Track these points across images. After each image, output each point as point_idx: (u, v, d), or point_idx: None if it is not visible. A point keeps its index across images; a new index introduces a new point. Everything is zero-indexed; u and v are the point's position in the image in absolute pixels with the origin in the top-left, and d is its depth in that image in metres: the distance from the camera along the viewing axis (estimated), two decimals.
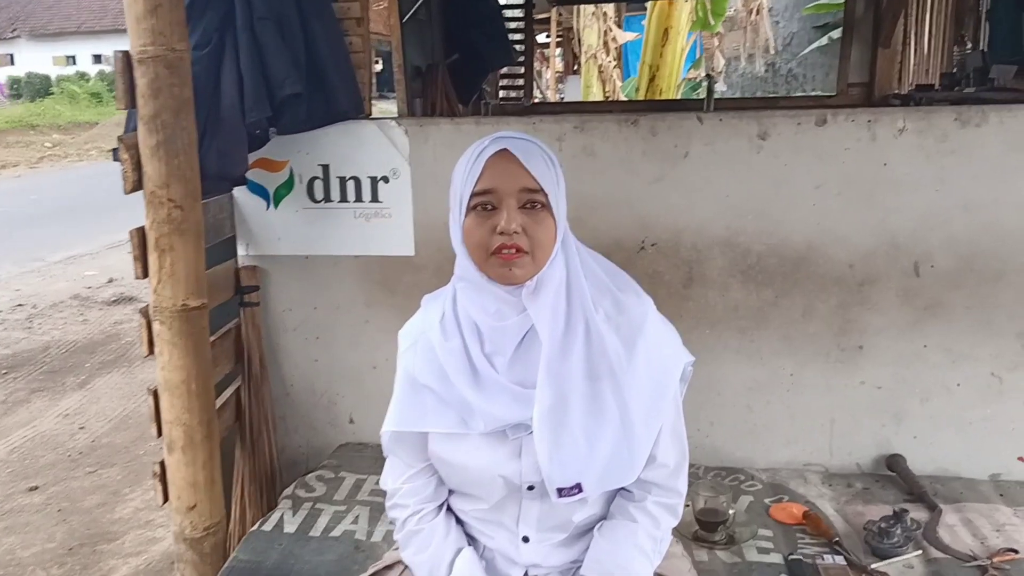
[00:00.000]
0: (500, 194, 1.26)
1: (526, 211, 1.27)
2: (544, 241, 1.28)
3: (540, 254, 1.28)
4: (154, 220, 1.81)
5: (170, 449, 1.94)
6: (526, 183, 1.26)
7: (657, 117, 2.19)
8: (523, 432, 1.34)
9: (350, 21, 2.32)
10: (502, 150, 1.28)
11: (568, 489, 1.33)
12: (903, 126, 2.11)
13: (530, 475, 1.36)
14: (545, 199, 1.28)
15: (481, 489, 1.42)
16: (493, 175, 1.27)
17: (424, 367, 1.40)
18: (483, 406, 1.34)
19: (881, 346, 2.22)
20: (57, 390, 4.68)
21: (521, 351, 1.34)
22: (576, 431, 1.33)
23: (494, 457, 1.37)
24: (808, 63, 18.17)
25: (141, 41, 1.73)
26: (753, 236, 2.21)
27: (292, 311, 2.45)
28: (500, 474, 1.38)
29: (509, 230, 1.24)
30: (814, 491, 2.19)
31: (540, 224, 1.27)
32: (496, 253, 1.26)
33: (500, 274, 1.28)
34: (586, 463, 1.33)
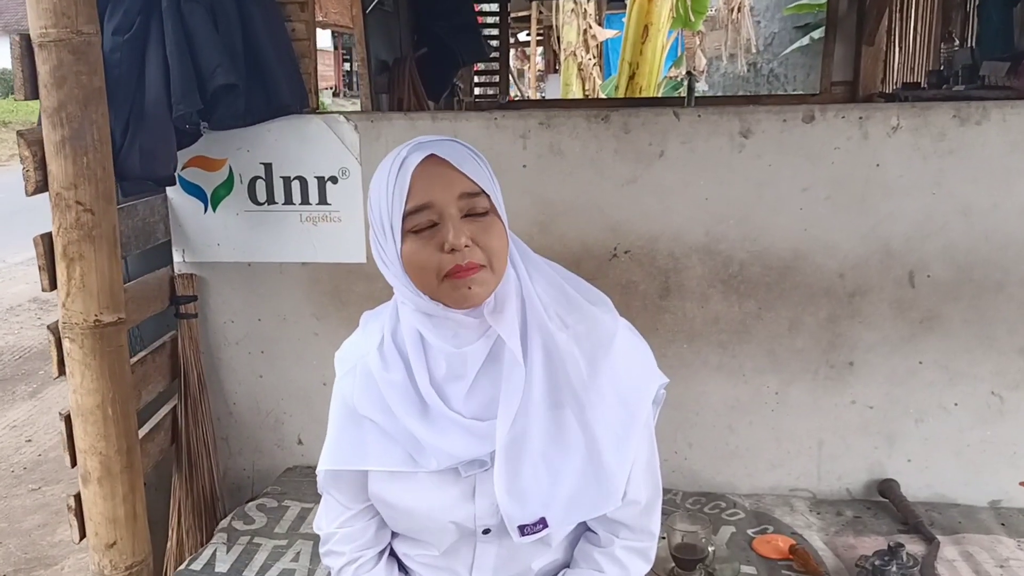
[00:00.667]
0: (439, 206, 1.07)
1: (471, 220, 1.09)
2: (498, 249, 1.10)
3: (498, 263, 1.10)
4: (61, 226, 1.60)
5: (85, 481, 1.73)
6: (464, 187, 1.08)
7: (630, 113, 2.00)
8: (477, 469, 1.18)
9: (293, 6, 2.11)
10: (428, 156, 1.08)
11: (531, 525, 1.17)
12: (897, 124, 1.93)
13: (485, 518, 1.20)
14: (488, 202, 1.10)
15: (430, 535, 1.25)
16: (425, 187, 1.07)
17: (364, 396, 1.21)
18: (434, 441, 1.16)
19: (873, 363, 2.05)
20: (7, 399, 4.44)
21: (481, 377, 1.17)
22: (537, 462, 1.17)
23: (444, 499, 1.20)
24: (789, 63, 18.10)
25: (42, 23, 1.52)
26: (735, 243, 2.03)
27: (234, 323, 2.24)
28: (452, 520, 1.20)
29: (459, 245, 1.06)
30: (801, 520, 2.01)
31: (490, 231, 1.09)
32: (449, 276, 1.08)
33: (458, 297, 1.09)
34: (549, 496, 1.17)
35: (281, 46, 2.03)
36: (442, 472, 1.19)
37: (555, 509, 1.18)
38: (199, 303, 2.21)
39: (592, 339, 1.18)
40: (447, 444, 1.16)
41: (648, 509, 1.25)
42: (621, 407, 1.18)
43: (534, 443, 1.17)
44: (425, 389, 1.16)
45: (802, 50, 16.26)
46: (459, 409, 1.17)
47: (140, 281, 2.08)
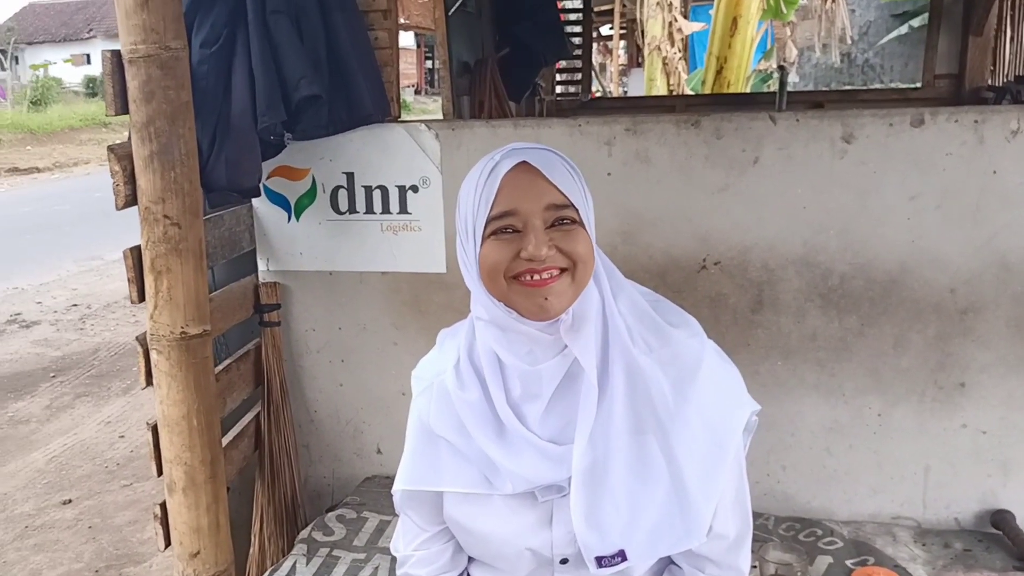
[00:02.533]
0: (524, 215, 1.05)
1: (556, 230, 1.06)
2: (583, 255, 1.06)
3: (582, 271, 1.07)
4: (149, 239, 1.62)
5: (170, 490, 1.74)
6: (553, 199, 1.05)
7: (723, 117, 1.91)
8: (555, 494, 1.14)
9: (376, 14, 2.09)
10: (520, 163, 1.06)
11: (609, 557, 1.12)
12: (1018, 127, 1.78)
13: (563, 546, 1.15)
14: (576, 215, 1.06)
15: (505, 562, 1.21)
16: (512, 194, 1.05)
17: (439, 416, 1.19)
18: (509, 465, 1.13)
19: (987, 384, 1.90)
20: (102, 395, 4.61)
21: (558, 399, 1.12)
22: (617, 491, 1.12)
23: (520, 525, 1.16)
24: (886, 53, 17.47)
25: (132, 39, 1.53)
26: (835, 255, 1.91)
27: (315, 331, 2.24)
28: (528, 547, 1.16)
29: (540, 256, 1.03)
30: (904, 552, 1.88)
31: (575, 238, 1.06)
32: (519, 278, 1.05)
33: (533, 307, 1.06)
34: (630, 527, 1.12)
35: (364, 55, 2.01)
36: (519, 496, 1.15)
37: (635, 541, 1.12)
38: (282, 311, 2.22)
39: (678, 364, 1.13)
40: (522, 467, 1.13)
41: (737, 544, 1.18)
42: (709, 437, 1.12)
43: (614, 471, 1.12)
44: (501, 409, 1.13)
45: (900, 39, 15.63)
46: (536, 430, 1.13)
47: (226, 290, 2.10)
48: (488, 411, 1.15)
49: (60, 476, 3.65)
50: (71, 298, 6.56)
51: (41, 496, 3.46)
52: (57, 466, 3.75)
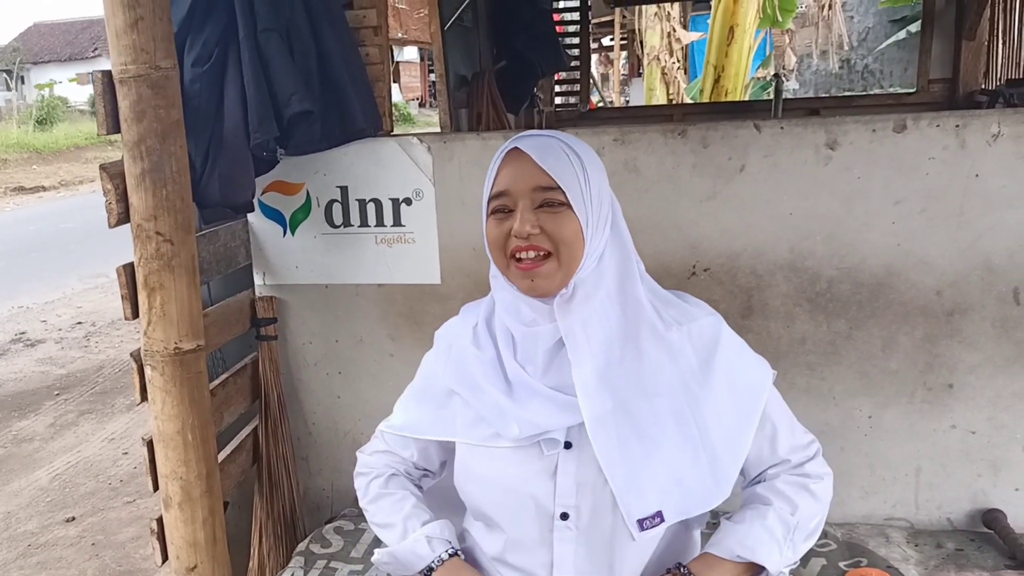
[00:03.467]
0: (514, 195, 1.19)
1: (544, 211, 1.18)
2: (567, 238, 1.17)
3: (566, 254, 1.18)
4: (142, 256, 1.64)
5: (166, 505, 1.76)
6: (539, 181, 1.17)
7: (708, 126, 1.93)
8: (558, 448, 1.23)
9: (366, 30, 2.12)
10: (513, 148, 1.20)
11: (649, 519, 1.20)
12: (998, 131, 1.80)
13: (565, 496, 1.22)
14: (564, 197, 1.17)
15: (508, 514, 1.27)
16: (506, 176, 1.20)
17: (456, 373, 1.32)
18: (517, 411, 1.23)
19: (975, 385, 1.92)
20: (106, 412, 4.64)
21: (556, 358, 1.24)
22: (638, 451, 1.21)
23: (526, 473, 1.24)
24: (885, 58, 17.49)
25: (122, 59, 1.56)
26: (822, 259, 1.93)
27: (312, 344, 2.26)
28: (531, 493, 1.24)
29: (522, 232, 1.16)
30: (897, 552, 1.89)
31: (560, 221, 1.17)
32: (514, 258, 1.19)
33: (524, 287, 1.21)
34: (666, 486, 1.21)
35: (355, 71, 2.04)
36: (524, 449, 1.23)
37: (670, 503, 1.20)
38: (279, 325, 2.24)
39: (702, 337, 1.27)
40: (530, 413, 1.22)
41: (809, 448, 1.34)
42: (734, 402, 1.25)
43: (632, 431, 1.20)
44: (510, 364, 1.25)
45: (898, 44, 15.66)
46: (545, 383, 1.24)
47: (222, 305, 2.12)
48: (499, 369, 1.27)
49: (64, 494, 3.68)
50: (76, 316, 6.61)
51: (45, 514, 3.49)
52: (61, 484, 3.78)
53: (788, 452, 1.31)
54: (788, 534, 1.23)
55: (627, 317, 1.23)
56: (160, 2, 1.55)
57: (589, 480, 1.21)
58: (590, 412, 1.19)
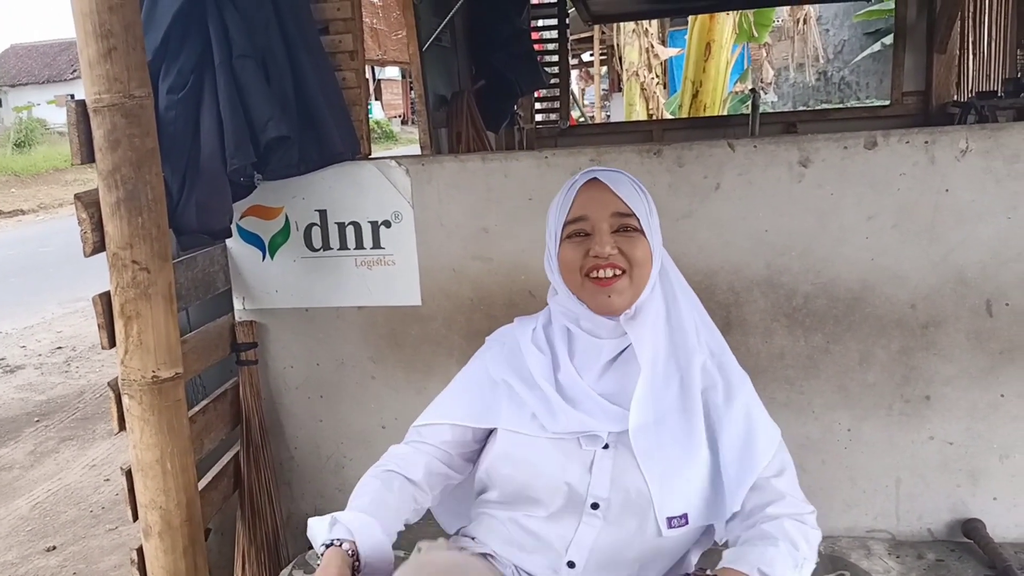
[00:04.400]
0: (592, 220, 1.31)
1: (619, 236, 1.30)
2: (640, 259, 1.30)
3: (638, 274, 1.30)
4: (118, 284, 1.64)
5: (146, 535, 1.75)
6: (617, 208, 1.31)
7: (683, 146, 1.95)
8: (597, 445, 1.31)
9: (343, 55, 2.13)
10: (592, 179, 1.33)
11: (677, 518, 1.28)
12: (966, 147, 1.84)
13: (599, 489, 1.29)
14: (637, 223, 1.31)
15: (542, 492, 1.32)
16: (584, 203, 1.32)
17: (506, 363, 1.40)
18: (567, 410, 1.31)
19: (951, 396, 1.94)
20: (87, 438, 4.58)
21: (611, 371, 1.34)
22: (675, 460, 1.29)
23: (564, 463, 1.31)
24: (861, 70, 17.72)
25: (96, 89, 1.56)
26: (798, 275, 1.95)
27: (294, 368, 2.26)
28: (566, 480, 1.30)
29: (604, 253, 1.27)
30: (879, 565, 1.90)
31: (634, 243, 1.30)
32: (590, 276, 1.29)
33: (598, 303, 1.30)
34: (692, 493, 1.29)
35: (332, 95, 2.05)
36: (565, 441, 1.31)
37: (695, 507, 1.28)
38: (259, 350, 2.24)
39: (732, 373, 1.37)
40: (577, 414, 1.30)
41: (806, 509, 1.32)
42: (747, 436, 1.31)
43: (667, 440, 1.28)
44: (566, 367, 1.34)
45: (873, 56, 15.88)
46: (591, 384, 1.33)
47: (202, 331, 2.12)
48: (552, 371, 1.35)
49: (44, 522, 3.63)
50: (56, 341, 6.54)
51: (25, 544, 3.44)
52: (41, 512, 3.73)
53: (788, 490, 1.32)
54: (798, 565, 1.25)
55: (674, 340, 1.34)
56: (133, 31, 1.56)
57: (623, 478, 1.29)
58: (636, 420, 1.28)
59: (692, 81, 8.39)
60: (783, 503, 1.29)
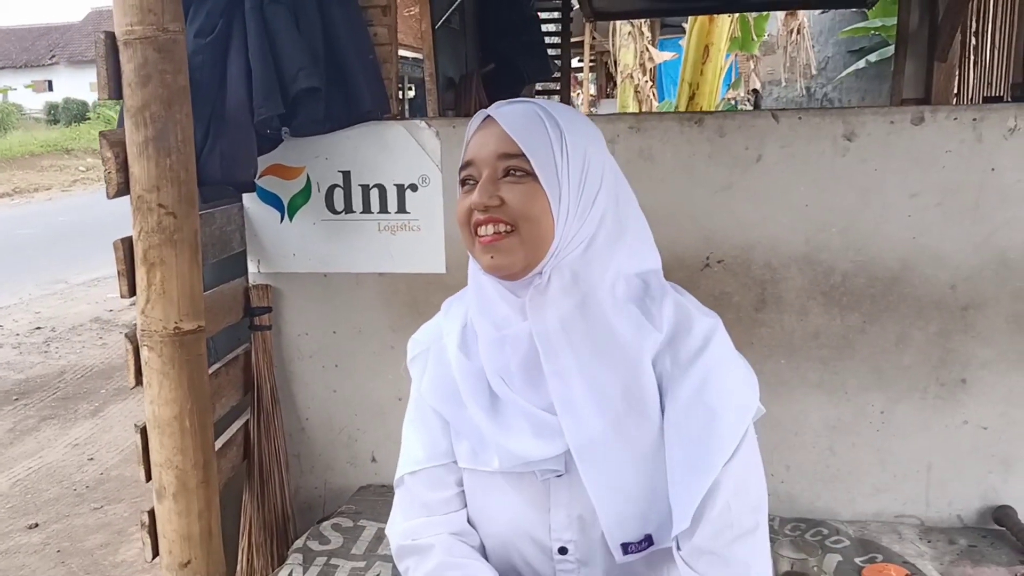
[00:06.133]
0: (479, 165, 1.05)
1: (507, 181, 1.03)
2: (530, 213, 1.01)
3: (527, 231, 1.01)
4: (142, 229, 1.55)
5: (160, 496, 1.66)
6: (504, 148, 1.02)
7: (726, 115, 1.91)
8: (551, 475, 1.08)
9: (375, 10, 2.06)
10: (486, 117, 1.06)
11: (636, 544, 1.06)
12: (1015, 125, 1.80)
13: (560, 530, 1.10)
14: (528, 165, 1.01)
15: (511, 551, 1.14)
16: (474, 144, 1.06)
17: (432, 385, 1.16)
18: (498, 438, 1.07)
19: (988, 380, 1.90)
20: (68, 418, 4.45)
21: (529, 371, 1.06)
22: (624, 471, 1.05)
23: (518, 504, 1.11)
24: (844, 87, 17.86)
25: (128, 20, 1.48)
26: (837, 252, 1.91)
27: (308, 335, 2.17)
28: (527, 530, 1.11)
29: (479, 204, 1.02)
30: (911, 549, 1.86)
31: (523, 194, 1.01)
32: (476, 235, 1.04)
33: (485, 264, 1.04)
34: (653, 509, 1.06)
35: (363, 51, 1.98)
36: (518, 475, 1.09)
37: (656, 524, 1.06)
38: (273, 315, 2.15)
39: (686, 341, 1.05)
40: (511, 441, 1.07)
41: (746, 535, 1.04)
42: (705, 417, 1.03)
43: (611, 450, 1.04)
44: (491, 376, 1.08)
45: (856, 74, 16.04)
46: (530, 399, 1.07)
47: (215, 291, 2.03)
48: (485, 381, 1.10)
49: (26, 500, 3.50)
50: (34, 321, 6.37)
51: (5, 521, 3.31)
52: (22, 490, 3.60)
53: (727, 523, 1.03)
54: None
55: (618, 318, 1.05)
56: None
57: (583, 511, 1.09)
58: (577, 437, 1.04)
59: (689, 83, 8.39)
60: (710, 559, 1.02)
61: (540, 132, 1.03)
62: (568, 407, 1.04)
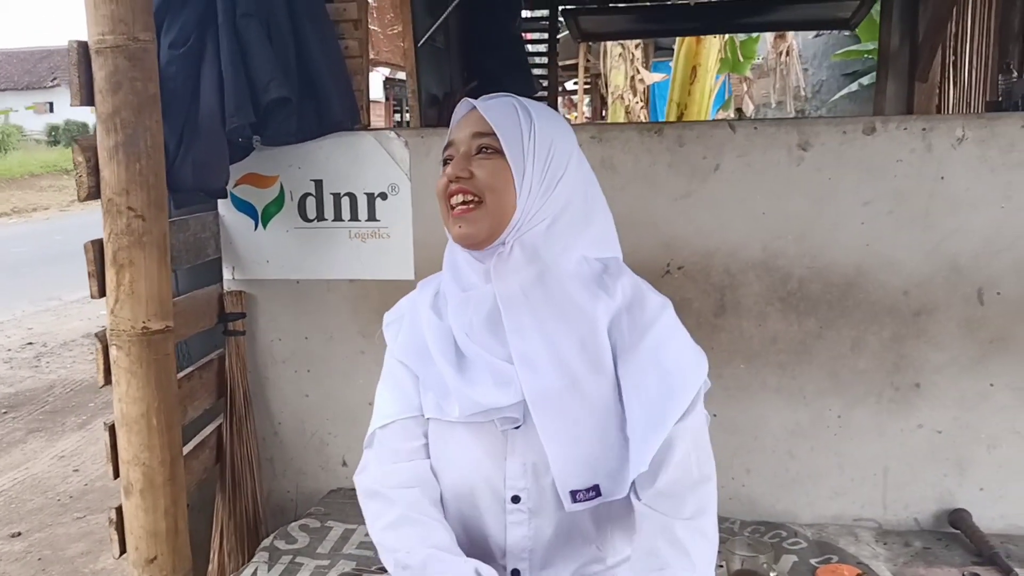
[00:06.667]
0: (457, 144, 1.20)
1: (478, 157, 1.17)
2: (495, 185, 1.15)
3: (492, 201, 1.15)
4: (112, 231, 1.61)
5: (127, 493, 1.70)
6: (478, 127, 1.17)
7: (684, 126, 1.97)
8: (510, 425, 1.18)
9: (346, 24, 2.13)
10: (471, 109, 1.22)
11: (584, 492, 1.16)
12: (963, 135, 1.86)
13: (515, 478, 1.19)
14: (497, 143, 1.15)
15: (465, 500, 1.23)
16: (454, 129, 1.22)
17: (405, 343, 1.28)
18: (462, 387, 1.17)
19: (941, 385, 1.95)
20: (56, 430, 4.49)
21: (492, 327, 1.18)
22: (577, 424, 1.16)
23: (477, 455, 1.21)
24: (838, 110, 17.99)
25: (99, 29, 1.54)
26: (794, 259, 1.96)
27: (281, 341, 2.22)
28: (484, 476, 1.20)
29: (452, 175, 1.16)
30: (867, 550, 1.89)
31: (490, 168, 1.15)
32: (449, 205, 1.18)
33: (455, 234, 1.18)
34: (602, 460, 1.15)
35: (334, 63, 2.04)
36: (478, 425, 1.19)
37: (605, 475, 1.15)
38: (247, 320, 2.20)
39: (641, 310, 1.19)
40: (473, 390, 1.16)
41: (702, 482, 1.16)
42: (660, 378, 1.15)
43: (568, 404, 1.15)
44: (458, 333, 1.19)
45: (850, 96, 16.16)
46: (493, 352, 1.18)
47: (189, 296, 2.08)
48: (452, 339, 1.21)
49: (9, 510, 3.53)
50: (26, 337, 6.42)
51: None
52: (6, 500, 3.63)
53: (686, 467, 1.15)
54: None
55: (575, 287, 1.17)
56: None
57: (537, 459, 1.17)
58: (534, 388, 1.13)
59: (677, 103, 8.50)
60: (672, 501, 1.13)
61: (511, 116, 1.17)
62: (525, 360, 1.15)
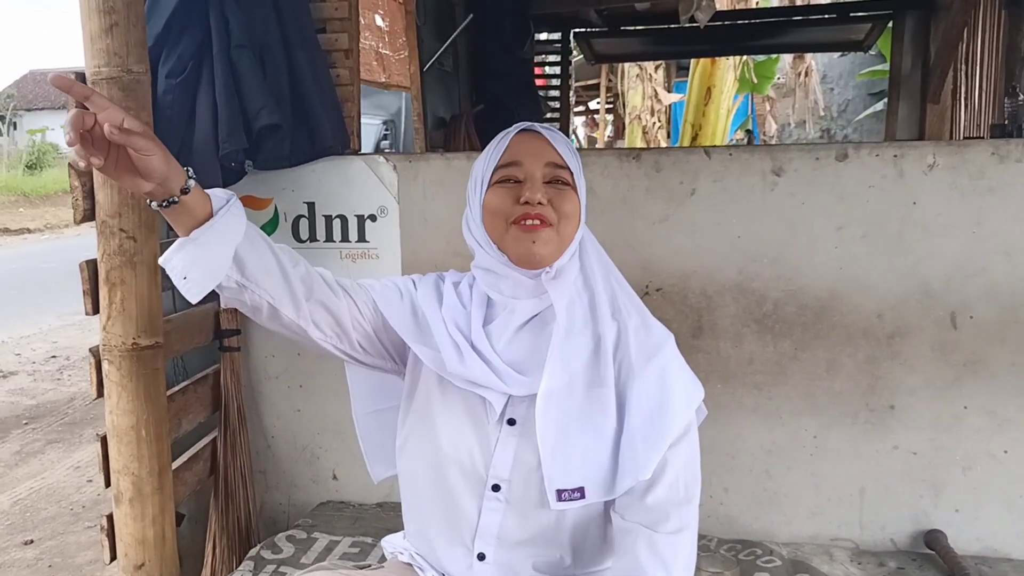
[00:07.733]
0: (527, 167, 1.23)
1: (551, 187, 1.23)
2: (569, 213, 1.23)
3: (565, 228, 1.23)
4: (105, 252, 1.70)
5: (117, 501, 1.78)
6: (552, 158, 1.24)
7: (661, 152, 2.03)
8: (503, 420, 1.25)
9: (338, 53, 2.21)
10: (527, 130, 1.27)
11: (569, 492, 1.20)
12: (933, 161, 1.90)
13: (500, 468, 1.24)
14: (570, 177, 1.25)
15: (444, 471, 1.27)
16: (519, 150, 1.25)
17: (431, 298, 1.31)
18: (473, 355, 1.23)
19: (915, 407, 1.98)
20: (73, 442, 4.59)
21: (522, 334, 1.26)
22: (576, 431, 1.22)
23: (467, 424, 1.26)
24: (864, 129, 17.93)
25: (96, 62, 1.64)
26: (769, 282, 2.00)
27: (275, 357, 2.30)
28: (468, 448, 1.25)
29: (534, 199, 1.19)
30: (841, 570, 1.92)
31: (565, 197, 1.23)
32: (517, 223, 1.21)
33: (521, 251, 1.21)
34: (590, 467, 1.21)
35: (326, 91, 2.12)
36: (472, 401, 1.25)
37: (593, 481, 1.20)
38: (242, 337, 2.28)
39: (650, 338, 1.26)
40: (482, 363, 1.22)
41: (687, 502, 1.20)
42: (661, 397, 1.21)
43: (573, 412, 1.21)
44: (476, 329, 1.25)
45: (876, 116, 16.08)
46: (500, 353, 1.24)
47: (186, 313, 2.16)
48: (465, 328, 1.26)
49: (24, 518, 3.63)
50: (51, 350, 6.57)
51: (3, 537, 3.44)
52: (21, 508, 3.73)
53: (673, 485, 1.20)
54: None
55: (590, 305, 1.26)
56: (135, 9, 1.64)
57: (527, 457, 1.23)
58: (548, 384, 1.20)
59: (692, 124, 8.53)
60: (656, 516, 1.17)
61: (572, 153, 1.28)
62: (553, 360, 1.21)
